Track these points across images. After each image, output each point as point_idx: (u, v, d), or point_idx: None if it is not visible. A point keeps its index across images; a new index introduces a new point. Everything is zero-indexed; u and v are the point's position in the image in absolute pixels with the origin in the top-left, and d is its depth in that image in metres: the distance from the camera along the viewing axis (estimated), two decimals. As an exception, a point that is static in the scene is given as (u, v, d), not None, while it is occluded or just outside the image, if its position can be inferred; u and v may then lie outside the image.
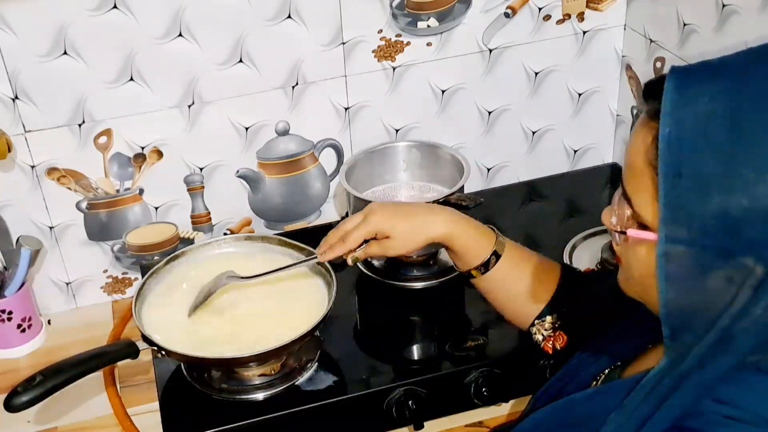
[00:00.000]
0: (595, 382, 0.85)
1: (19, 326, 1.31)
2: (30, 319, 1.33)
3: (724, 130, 0.62)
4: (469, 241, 1.01)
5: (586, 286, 1.03)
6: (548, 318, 1.01)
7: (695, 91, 0.64)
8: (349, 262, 1.05)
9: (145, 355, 1.11)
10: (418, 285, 1.31)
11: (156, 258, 1.42)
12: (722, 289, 0.63)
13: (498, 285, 1.03)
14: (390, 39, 1.37)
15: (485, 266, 1.02)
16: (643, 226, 0.69)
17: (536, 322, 1.02)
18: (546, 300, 1.02)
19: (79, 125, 1.29)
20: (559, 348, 1.01)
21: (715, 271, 0.63)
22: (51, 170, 1.30)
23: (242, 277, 1.15)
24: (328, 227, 1.47)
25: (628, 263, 0.74)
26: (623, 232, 0.72)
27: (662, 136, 0.64)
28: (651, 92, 0.68)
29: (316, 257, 1.08)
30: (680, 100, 0.64)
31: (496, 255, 1.01)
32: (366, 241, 1.03)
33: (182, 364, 1.17)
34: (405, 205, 1.08)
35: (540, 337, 1.02)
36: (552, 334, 1.01)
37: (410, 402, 1.11)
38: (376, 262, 1.36)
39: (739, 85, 0.63)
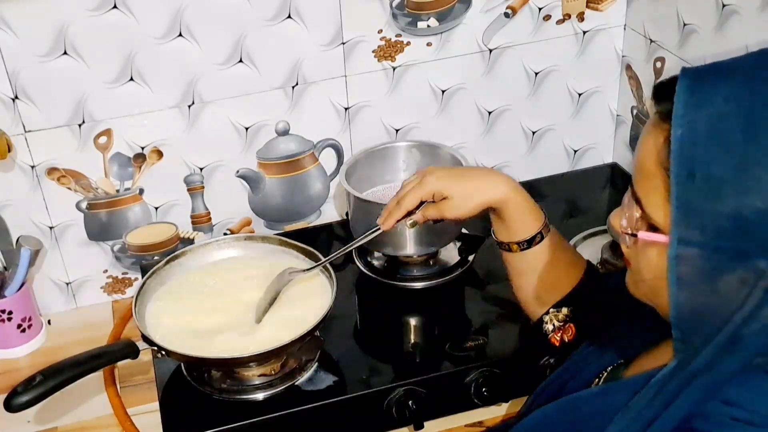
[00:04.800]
0: (597, 380, 0.85)
1: (19, 326, 1.31)
2: (30, 319, 1.33)
3: (737, 132, 0.62)
4: (523, 211, 1.00)
5: (606, 286, 1.03)
6: (564, 309, 1.01)
7: (708, 93, 0.63)
8: (407, 225, 1.02)
9: (145, 355, 1.11)
10: (418, 285, 1.31)
11: (156, 258, 1.42)
12: (734, 291, 0.63)
13: (530, 265, 1.02)
14: (390, 39, 1.37)
15: (529, 242, 1.00)
16: (653, 228, 0.69)
17: (551, 310, 1.02)
18: (566, 291, 1.02)
19: (79, 125, 1.29)
20: (567, 340, 1.00)
21: (727, 273, 0.63)
22: (51, 170, 1.30)
23: (304, 270, 1.15)
24: (328, 227, 1.49)
25: (637, 266, 0.73)
26: (634, 235, 0.71)
27: (674, 138, 0.63)
28: (662, 93, 0.68)
29: (379, 228, 1.06)
30: (693, 101, 0.63)
31: (541, 235, 1.00)
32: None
33: (182, 364, 1.17)
34: (462, 167, 1.05)
35: (550, 327, 1.02)
36: (563, 326, 1.01)
37: (410, 402, 1.11)
38: (376, 262, 1.36)
39: (752, 87, 0.63)
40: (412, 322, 1.29)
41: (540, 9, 1.42)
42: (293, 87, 1.36)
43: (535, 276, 1.03)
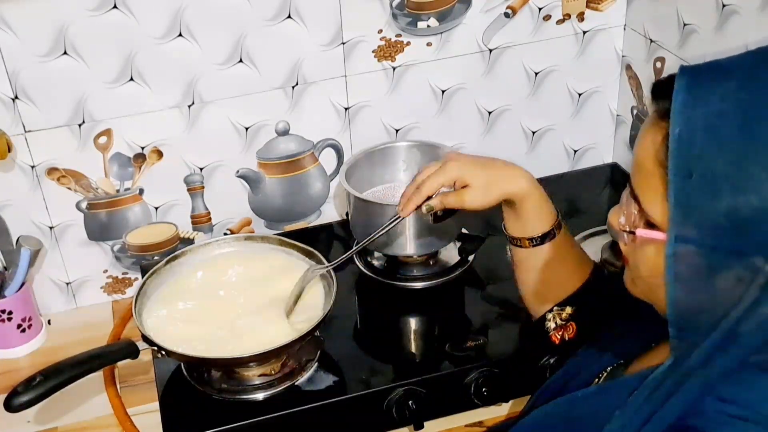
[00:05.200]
0: (597, 380, 0.85)
1: (19, 326, 1.31)
2: (30, 319, 1.33)
3: (734, 130, 0.62)
4: (539, 207, 0.99)
5: (611, 288, 1.03)
6: (567, 308, 1.01)
7: (706, 91, 0.64)
8: (424, 210, 1.01)
9: (145, 355, 1.11)
10: (418, 285, 1.31)
11: (156, 258, 1.42)
12: (731, 289, 0.63)
13: (539, 262, 1.02)
14: (390, 39, 1.37)
15: (542, 239, 1.00)
16: (651, 225, 0.69)
17: (555, 308, 1.02)
18: (571, 291, 1.02)
19: (79, 125, 1.29)
20: (567, 338, 1.00)
21: (724, 271, 0.63)
22: (51, 170, 1.30)
23: (326, 266, 1.14)
24: (328, 227, 1.49)
25: (635, 263, 0.74)
26: (632, 232, 0.71)
27: (672, 136, 0.64)
28: (660, 92, 0.68)
29: (399, 217, 1.04)
30: (690, 99, 0.64)
31: (554, 233, 1.00)
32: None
33: (182, 364, 1.17)
34: (484, 156, 1.03)
35: (552, 325, 1.02)
36: (565, 325, 1.01)
37: (410, 402, 1.11)
38: (376, 262, 1.36)
39: (750, 85, 0.63)
40: (412, 322, 1.29)
41: (540, 9, 1.42)
42: (293, 87, 1.36)
43: (543, 273, 1.02)
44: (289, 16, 1.30)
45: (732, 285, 0.63)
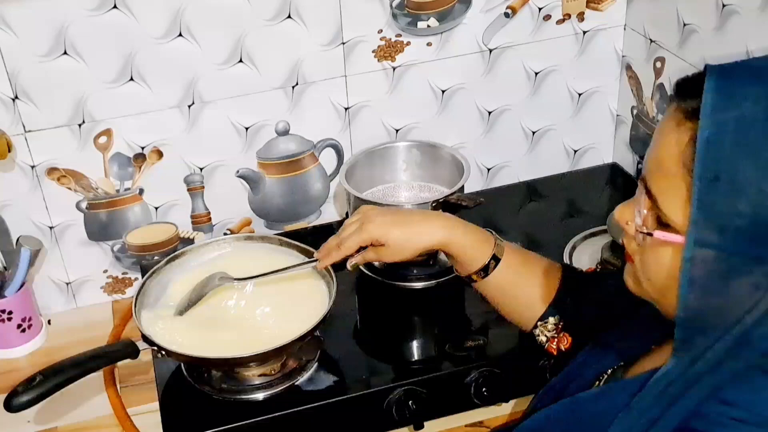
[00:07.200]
0: (598, 382, 0.85)
1: (19, 326, 1.31)
2: (30, 319, 1.33)
3: (764, 135, 0.61)
4: (467, 246, 1.01)
5: (587, 286, 1.03)
6: (551, 319, 1.01)
7: (737, 94, 0.62)
8: (348, 267, 1.05)
9: (145, 355, 1.11)
10: (418, 285, 1.31)
11: (156, 258, 1.42)
12: (746, 295, 0.63)
13: (499, 289, 1.03)
14: (390, 39, 1.37)
15: (485, 271, 1.01)
16: (664, 225, 0.68)
17: (539, 323, 1.02)
18: (548, 302, 1.01)
19: (79, 125, 1.29)
20: (563, 349, 1.00)
21: (742, 277, 0.63)
22: (51, 170, 1.31)
23: (236, 279, 1.15)
24: (328, 227, 1.50)
25: (644, 264, 0.72)
26: (649, 234, 0.70)
27: (701, 139, 0.62)
28: (686, 90, 0.66)
29: (314, 261, 1.09)
30: (721, 102, 0.62)
31: (496, 259, 1.01)
32: (364, 248, 1.03)
33: (182, 364, 1.17)
34: (401, 211, 1.07)
35: (544, 339, 1.02)
36: (556, 336, 1.01)
37: (410, 402, 1.11)
38: (376, 262, 1.36)
39: None
40: (412, 322, 1.29)
41: (540, 9, 1.42)
42: (293, 87, 1.36)
43: (510, 296, 1.03)
44: (289, 16, 1.30)
45: (747, 291, 0.63)
